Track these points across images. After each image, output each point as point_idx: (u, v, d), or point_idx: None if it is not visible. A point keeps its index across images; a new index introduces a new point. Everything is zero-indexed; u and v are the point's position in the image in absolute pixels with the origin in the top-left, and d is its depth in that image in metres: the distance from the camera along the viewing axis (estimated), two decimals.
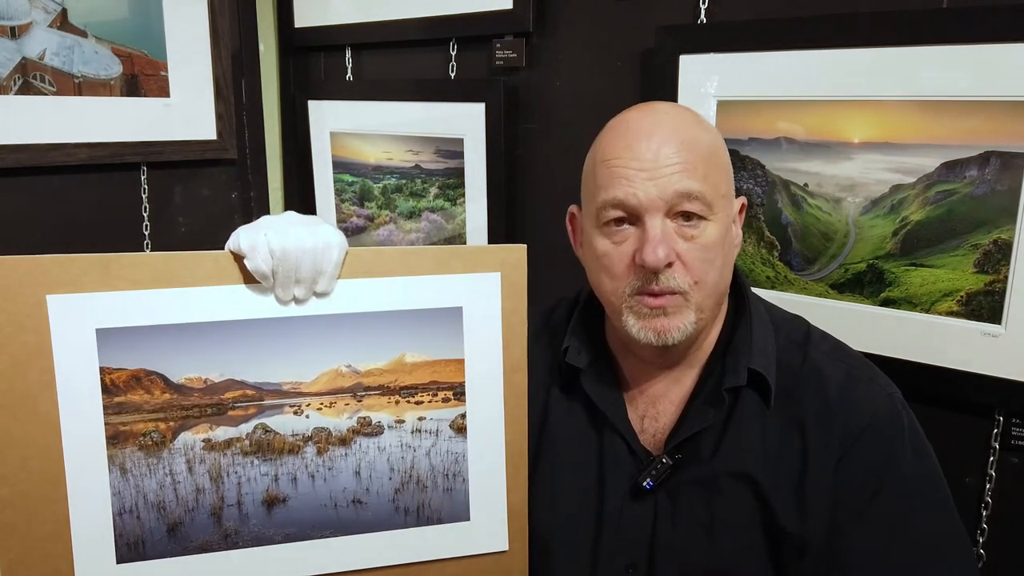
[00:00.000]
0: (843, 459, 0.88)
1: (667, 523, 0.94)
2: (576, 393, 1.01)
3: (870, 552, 0.87)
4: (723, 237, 0.90)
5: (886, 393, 0.91)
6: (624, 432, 0.97)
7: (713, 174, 0.89)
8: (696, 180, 0.87)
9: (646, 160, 0.87)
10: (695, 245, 0.88)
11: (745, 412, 0.92)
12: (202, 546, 0.90)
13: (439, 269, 0.93)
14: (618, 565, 0.96)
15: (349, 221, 1.87)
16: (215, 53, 1.72)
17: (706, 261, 0.88)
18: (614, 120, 0.94)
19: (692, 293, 0.89)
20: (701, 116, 0.95)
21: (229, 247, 0.87)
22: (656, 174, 0.87)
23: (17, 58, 1.50)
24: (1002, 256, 1.06)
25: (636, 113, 0.93)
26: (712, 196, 0.88)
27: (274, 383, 0.90)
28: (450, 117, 1.62)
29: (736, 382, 0.91)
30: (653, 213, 0.87)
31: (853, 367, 0.93)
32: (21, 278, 0.82)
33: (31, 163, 1.54)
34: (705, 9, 1.30)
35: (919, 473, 0.89)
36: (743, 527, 0.91)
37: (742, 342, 0.93)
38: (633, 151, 0.88)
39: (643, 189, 0.87)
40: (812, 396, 0.91)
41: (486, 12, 1.54)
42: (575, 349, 1.00)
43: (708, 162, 0.89)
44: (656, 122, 0.90)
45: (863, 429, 0.88)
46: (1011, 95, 1.03)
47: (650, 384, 0.99)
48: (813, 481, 0.89)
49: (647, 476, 0.93)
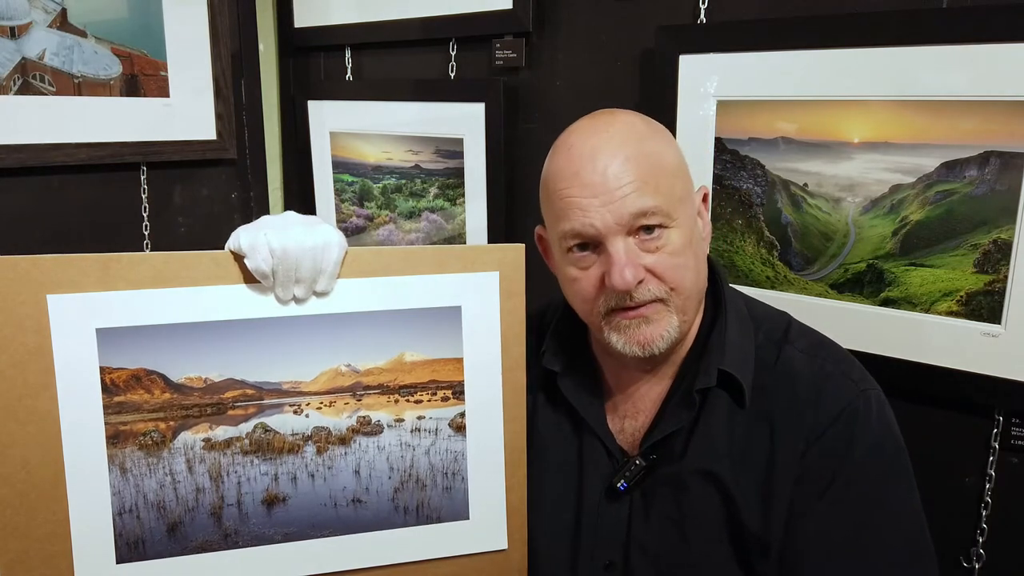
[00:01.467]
0: (805, 453, 0.88)
1: (641, 522, 0.94)
2: (559, 395, 1.01)
3: (815, 543, 0.86)
4: (689, 239, 0.89)
5: (858, 389, 0.89)
6: (601, 434, 0.98)
7: (665, 183, 0.88)
8: (648, 195, 0.86)
9: (595, 187, 0.86)
10: (663, 255, 0.87)
11: (715, 412, 0.92)
12: (202, 546, 0.90)
13: (438, 268, 0.93)
14: (597, 564, 0.96)
15: (349, 221, 1.87)
16: (215, 53, 1.72)
17: (678, 267, 0.88)
18: (558, 142, 0.93)
19: (671, 298, 0.89)
20: (645, 120, 0.93)
21: (229, 247, 0.87)
22: (609, 199, 0.86)
23: (17, 58, 1.50)
24: (1002, 256, 1.06)
25: (578, 136, 0.91)
26: (669, 205, 0.87)
27: (274, 382, 0.90)
28: (450, 117, 1.62)
29: (706, 383, 0.91)
30: (613, 238, 0.87)
31: (827, 363, 0.92)
32: (21, 278, 0.82)
33: (31, 163, 1.54)
34: (705, 9, 1.30)
35: (876, 468, 0.87)
36: (711, 525, 0.91)
37: (716, 342, 0.93)
38: (580, 179, 0.87)
39: (598, 217, 0.86)
40: (783, 394, 0.91)
41: (486, 12, 1.54)
42: (552, 352, 1.01)
43: (658, 172, 0.87)
44: (598, 143, 0.88)
45: (828, 424, 0.88)
46: (1011, 95, 1.03)
47: (630, 385, 0.99)
48: (778, 480, 0.88)
49: (621, 477, 0.94)
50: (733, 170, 1.28)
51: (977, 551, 1.15)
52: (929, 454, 1.11)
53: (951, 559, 1.17)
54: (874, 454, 0.87)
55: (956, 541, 1.17)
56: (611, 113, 0.94)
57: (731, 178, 1.28)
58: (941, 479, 1.16)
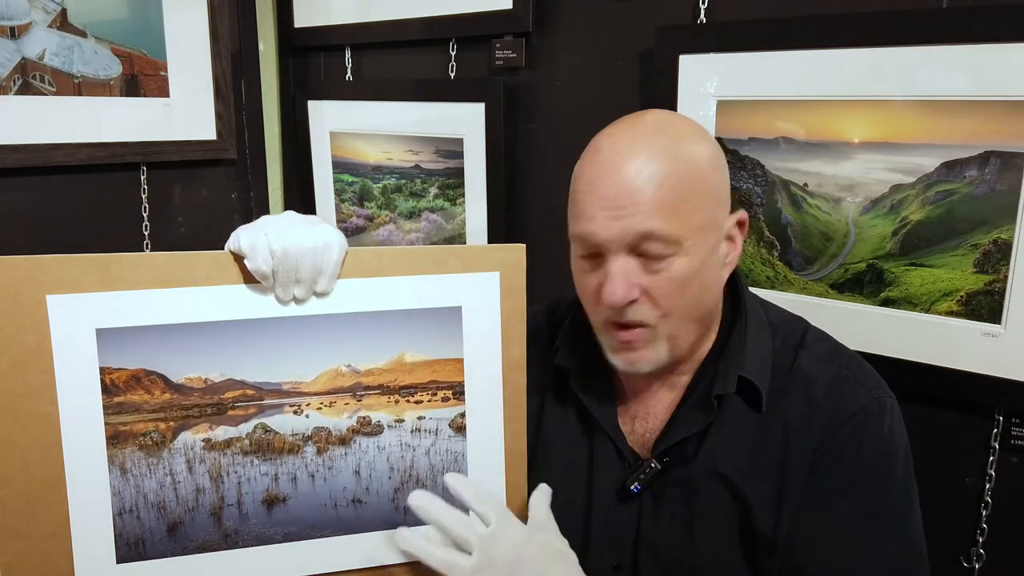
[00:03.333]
0: (816, 452, 0.88)
1: (650, 523, 0.94)
2: (569, 394, 1.01)
3: (809, 544, 0.87)
4: (698, 267, 0.86)
5: (872, 396, 0.89)
6: (612, 435, 0.97)
7: (684, 207, 0.84)
8: (661, 219, 0.83)
9: (607, 199, 0.84)
10: (661, 278, 0.85)
11: (729, 416, 0.92)
12: (202, 546, 0.90)
13: (438, 269, 0.93)
14: (606, 565, 0.96)
15: (349, 221, 1.87)
16: (215, 53, 1.72)
17: (674, 294, 0.86)
18: (595, 138, 0.90)
19: (660, 326, 0.87)
20: (693, 131, 0.90)
21: (229, 247, 0.87)
22: (620, 213, 0.84)
23: (17, 58, 1.50)
24: (1002, 256, 1.06)
25: (612, 138, 0.88)
26: (680, 232, 0.84)
27: (274, 383, 0.90)
28: (450, 117, 1.62)
29: (726, 389, 0.90)
30: (614, 252, 0.86)
31: (844, 368, 0.91)
32: (21, 278, 0.82)
33: (31, 163, 1.54)
34: (705, 9, 1.30)
35: (880, 476, 0.87)
36: (721, 527, 0.91)
37: (736, 348, 0.92)
38: (596, 187, 0.85)
39: (604, 227, 0.85)
40: (798, 399, 0.90)
41: (486, 12, 1.54)
42: (565, 351, 1.01)
43: (681, 194, 0.84)
44: (629, 150, 0.85)
45: (837, 427, 0.88)
46: (1011, 95, 1.03)
47: (642, 386, 0.98)
48: (790, 484, 0.88)
49: (635, 480, 0.94)
50: (733, 170, 1.28)
51: (977, 551, 1.16)
52: (929, 454, 1.11)
53: (951, 559, 1.17)
54: (880, 461, 0.87)
55: (956, 541, 1.17)
56: (656, 120, 0.90)
57: (731, 178, 1.27)
58: (941, 479, 1.16)
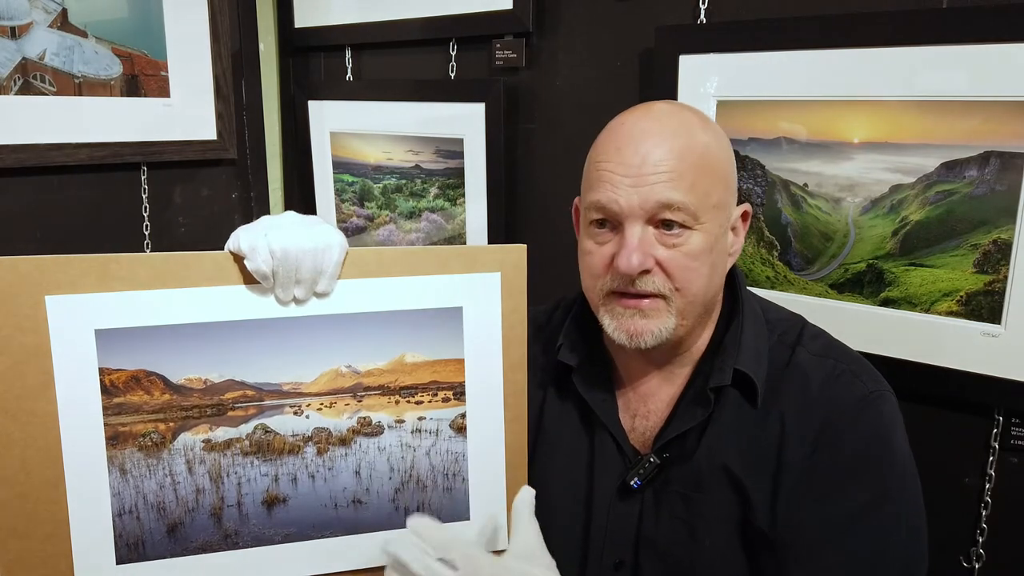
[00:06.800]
0: (812, 446, 0.88)
1: (651, 520, 0.94)
2: (570, 392, 1.01)
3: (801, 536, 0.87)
4: (711, 246, 0.89)
5: (867, 390, 0.89)
6: (614, 431, 0.98)
7: (702, 183, 0.88)
8: (680, 190, 0.86)
9: (632, 166, 0.87)
10: (677, 252, 0.88)
11: (727, 411, 0.92)
12: (202, 546, 0.90)
13: (439, 269, 0.93)
14: (606, 563, 0.96)
15: (349, 221, 1.87)
16: (215, 53, 1.72)
17: (688, 269, 0.88)
18: (614, 119, 0.94)
19: (673, 298, 0.89)
20: (707, 120, 0.94)
21: (229, 247, 0.87)
22: (640, 181, 0.86)
23: (17, 58, 1.50)
24: (1001, 256, 1.06)
25: (633, 115, 0.92)
26: (698, 206, 0.87)
27: (274, 383, 0.90)
28: (450, 117, 1.62)
29: (721, 381, 0.91)
30: (633, 220, 0.87)
31: (840, 364, 0.92)
32: (20, 279, 0.82)
33: (31, 163, 1.54)
34: (705, 9, 1.30)
35: (873, 469, 0.87)
36: (721, 522, 0.91)
37: (732, 342, 0.93)
38: (621, 155, 0.88)
39: (625, 195, 0.87)
40: (795, 394, 0.91)
41: (486, 12, 1.54)
42: (567, 347, 1.01)
43: (699, 171, 0.88)
44: (650, 126, 0.89)
45: (832, 421, 0.88)
46: (1011, 95, 1.03)
47: (642, 382, 0.99)
48: (786, 478, 0.89)
49: (635, 475, 0.94)
50: None
51: (977, 551, 1.16)
52: (929, 454, 1.11)
53: (951, 559, 1.17)
54: (876, 455, 0.87)
55: (956, 541, 1.17)
56: (673, 104, 0.95)
57: None
58: (941, 479, 1.15)
